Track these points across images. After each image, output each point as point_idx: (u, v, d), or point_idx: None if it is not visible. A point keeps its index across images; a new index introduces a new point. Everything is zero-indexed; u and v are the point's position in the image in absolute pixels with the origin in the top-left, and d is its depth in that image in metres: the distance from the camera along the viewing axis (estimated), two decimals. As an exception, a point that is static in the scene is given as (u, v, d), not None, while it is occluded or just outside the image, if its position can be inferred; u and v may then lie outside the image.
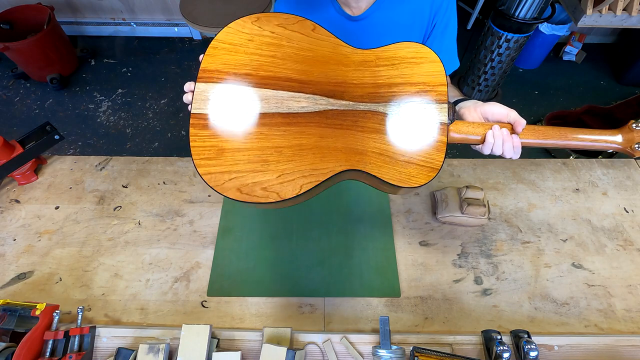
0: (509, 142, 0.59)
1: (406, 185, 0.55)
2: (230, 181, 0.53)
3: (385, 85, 0.59)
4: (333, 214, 1.00)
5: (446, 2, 0.78)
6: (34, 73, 2.37)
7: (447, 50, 0.84)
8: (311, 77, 0.59)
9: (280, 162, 0.55)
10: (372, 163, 0.56)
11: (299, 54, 0.60)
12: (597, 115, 2.11)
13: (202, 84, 0.57)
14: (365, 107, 0.58)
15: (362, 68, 0.60)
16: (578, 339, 0.76)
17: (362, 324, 0.83)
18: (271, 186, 0.54)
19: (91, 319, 0.83)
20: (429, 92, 0.58)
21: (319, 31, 0.61)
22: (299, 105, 0.58)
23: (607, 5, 1.61)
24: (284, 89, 0.58)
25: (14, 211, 1.00)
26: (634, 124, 0.60)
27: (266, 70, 0.58)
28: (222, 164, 0.54)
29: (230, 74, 0.58)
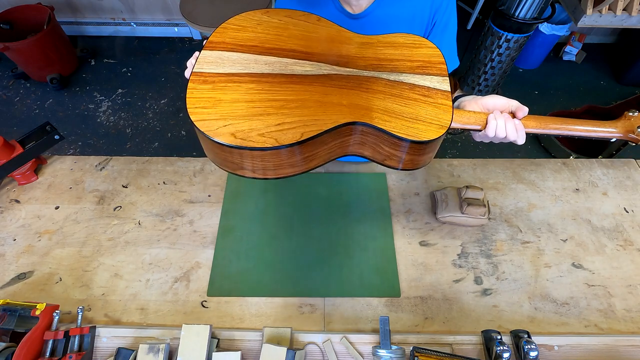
0: (511, 122, 0.59)
1: (416, 138, 0.52)
2: (225, 127, 0.50)
3: (387, 60, 0.62)
4: (333, 214, 1.00)
5: (446, 1, 0.78)
6: (34, 73, 2.37)
7: (446, 49, 0.84)
8: (315, 50, 0.61)
9: (280, 114, 0.52)
10: (379, 118, 0.54)
11: (303, 33, 0.62)
12: (597, 115, 2.11)
13: (207, 51, 0.58)
14: (369, 74, 0.60)
15: (365, 47, 0.63)
16: (578, 339, 0.76)
17: (362, 324, 0.83)
18: (269, 132, 0.50)
19: (91, 319, 0.83)
20: (429, 67, 0.61)
21: (323, 21, 0.65)
22: (303, 69, 0.58)
23: (607, 5, 1.62)
24: (288, 57, 0.59)
25: (14, 211, 1.00)
26: (630, 112, 0.62)
27: (272, 43, 0.60)
28: (217, 112, 0.51)
29: (236, 45, 0.59)
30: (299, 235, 0.97)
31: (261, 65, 0.57)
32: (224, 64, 0.56)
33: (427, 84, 0.58)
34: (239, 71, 0.56)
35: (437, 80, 0.59)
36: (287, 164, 0.54)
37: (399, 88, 0.58)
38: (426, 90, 0.58)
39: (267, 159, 0.52)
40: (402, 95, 0.57)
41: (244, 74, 0.56)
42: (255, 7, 1.79)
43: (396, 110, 0.55)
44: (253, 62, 0.57)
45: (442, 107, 0.56)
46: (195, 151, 2.06)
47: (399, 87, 0.58)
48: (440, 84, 0.59)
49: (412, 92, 0.57)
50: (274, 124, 0.51)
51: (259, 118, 0.51)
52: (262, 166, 0.53)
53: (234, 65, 0.56)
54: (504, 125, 0.58)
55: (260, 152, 0.50)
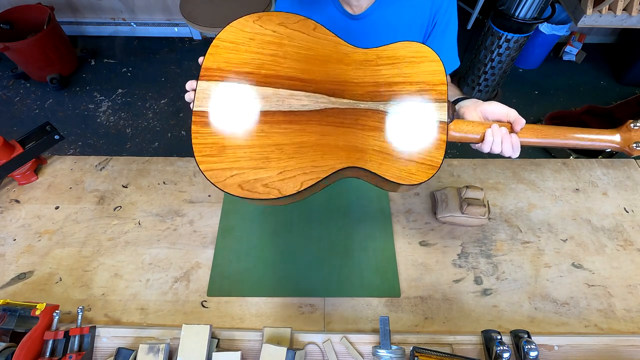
0: (507, 140, 0.59)
1: (406, 182, 0.55)
2: (232, 177, 0.54)
3: (386, 84, 0.59)
4: (333, 214, 1.00)
5: (447, 1, 0.78)
6: (34, 73, 2.37)
7: (447, 50, 0.84)
8: (312, 75, 0.59)
9: (281, 160, 0.55)
10: (373, 160, 0.56)
11: (300, 52, 0.60)
12: (597, 115, 2.11)
13: (204, 82, 0.58)
14: (366, 105, 0.59)
15: (363, 67, 0.60)
16: (578, 339, 0.76)
17: (362, 324, 0.83)
18: (272, 182, 0.54)
19: (91, 319, 0.83)
20: (429, 90, 0.58)
21: (320, 30, 0.61)
22: (300, 104, 0.58)
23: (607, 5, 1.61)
24: (285, 87, 0.58)
25: (14, 211, 1.00)
26: (632, 123, 0.61)
27: (268, 68, 0.58)
28: (223, 161, 0.54)
29: (232, 72, 0.58)
30: (299, 235, 0.96)
31: (259, 100, 0.57)
32: (221, 100, 0.57)
33: (424, 112, 0.58)
34: None
35: (434, 107, 0.58)
36: (288, 201, 0.57)
37: (394, 122, 0.58)
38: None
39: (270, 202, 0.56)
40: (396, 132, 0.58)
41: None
42: (255, 6, 1.79)
43: (389, 151, 0.57)
44: (251, 98, 0.57)
45: (435, 142, 0.57)
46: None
47: None
48: (438, 113, 0.57)
49: None
50: (276, 173, 0.54)
51: (262, 166, 0.54)
52: (265, 204, 0.59)
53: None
54: (500, 142, 0.59)
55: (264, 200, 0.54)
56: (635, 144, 0.60)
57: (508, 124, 0.61)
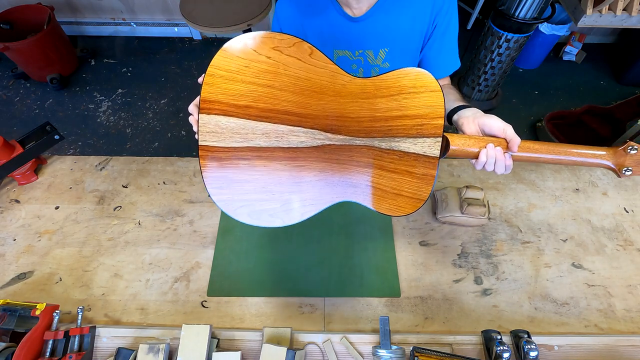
0: (501, 161, 0.60)
1: (394, 214, 0.61)
2: (241, 208, 0.60)
3: (382, 119, 0.60)
4: (333, 214, 1.00)
5: (447, 3, 0.78)
6: (34, 73, 2.37)
7: (448, 51, 0.84)
8: (309, 110, 0.60)
9: (283, 193, 0.60)
10: (365, 195, 0.62)
11: (296, 83, 0.59)
12: (597, 115, 2.11)
13: (205, 115, 0.58)
14: (361, 142, 0.61)
15: (360, 100, 0.60)
16: (578, 339, 0.76)
17: (362, 324, 0.83)
18: (276, 213, 0.60)
19: (91, 319, 0.83)
20: (425, 125, 0.58)
21: (316, 56, 0.59)
22: (298, 140, 0.60)
23: (607, 5, 1.61)
24: (283, 123, 0.59)
25: (14, 211, 1.00)
26: (631, 147, 0.59)
27: (265, 102, 0.59)
28: (232, 193, 0.60)
29: (230, 105, 0.58)
30: (298, 235, 0.97)
31: (259, 136, 0.59)
32: (224, 135, 0.58)
33: (418, 150, 0.58)
34: (240, 145, 0.59)
35: (428, 144, 0.58)
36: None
37: (388, 158, 0.60)
38: (414, 160, 0.59)
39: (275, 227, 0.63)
40: (389, 168, 0.60)
41: (245, 148, 0.59)
42: (255, 7, 1.79)
43: (382, 186, 0.61)
44: (251, 133, 0.59)
45: (425, 178, 0.59)
46: (195, 151, 2.04)
47: (389, 158, 0.60)
48: (431, 148, 0.58)
49: (400, 163, 0.60)
50: (279, 205, 0.61)
51: (267, 199, 0.60)
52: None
53: (234, 137, 0.59)
54: (493, 163, 0.60)
55: (271, 227, 0.62)
56: (626, 169, 0.60)
57: (504, 140, 0.61)
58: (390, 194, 0.61)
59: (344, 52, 0.86)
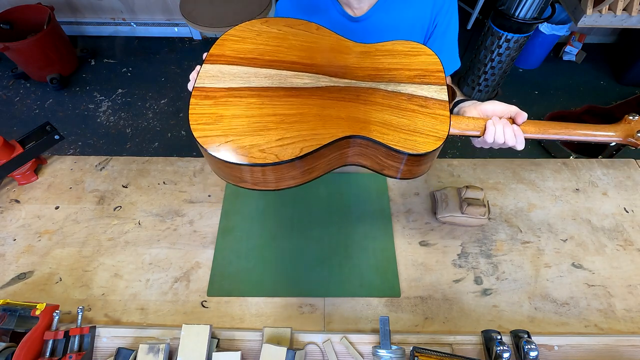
0: (509, 128, 0.59)
1: (414, 151, 0.53)
2: (227, 143, 0.51)
3: (385, 69, 0.62)
4: (333, 214, 1.00)
5: (448, 2, 0.78)
6: (34, 73, 2.37)
7: (448, 51, 0.84)
8: (314, 61, 0.61)
9: (280, 128, 0.53)
10: (376, 131, 0.55)
11: (303, 44, 0.63)
12: (597, 115, 2.11)
13: (208, 65, 0.59)
14: (367, 85, 0.60)
15: (363, 56, 0.63)
16: (578, 339, 0.76)
17: (362, 324, 0.83)
18: (270, 148, 0.51)
19: (91, 319, 0.83)
20: (427, 76, 0.60)
21: (322, 30, 0.65)
22: (302, 82, 0.59)
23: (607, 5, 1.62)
24: (288, 69, 0.60)
25: (14, 211, 1.00)
26: (630, 116, 0.62)
27: (271, 55, 0.61)
28: (219, 128, 0.53)
29: (236, 58, 0.60)
30: (298, 235, 0.97)
31: (261, 78, 0.57)
32: (224, 78, 0.57)
33: (425, 93, 0.58)
34: (240, 85, 0.56)
35: (434, 90, 0.58)
36: (287, 177, 0.55)
37: (396, 99, 0.58)
38: (423, 101, 0.58)
39: (267, 173, 0.53)
40: (399, 107, 0.57)
41: (244, 88, 0.56)
42: (255, 7, 1.79)
43: (394, 123, 0.55)
44: (253, 76, 0.58)
45: (439, 117, 0.56)
46: (195, 151, 2.05)
47: (397, 98, 0.58)
48: (438, 94, 0.58)
49: (409, 102, 0.57)
50: (274, 139, 0.52)
51: (260, 134, 0.52)
52: (263, 179, 0.54)
53: (235, 80, 0.57)
54: (502, 130, 0.58)
55: (261, 167, 0.51)
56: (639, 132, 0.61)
57: (510, 119, 0.61)
58: (405, 131, 0.55)
59: None
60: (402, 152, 0.54)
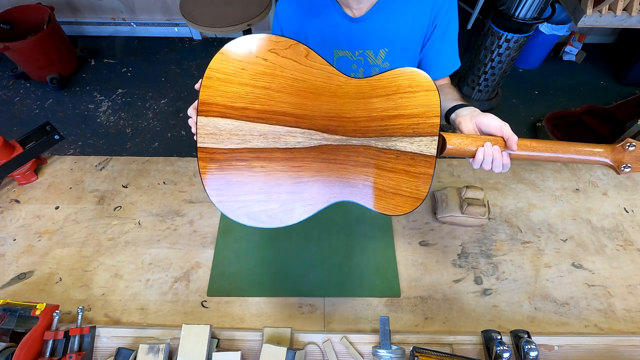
0: (498, 159, 0.60)
1: (391, 214, 0.61)
2: (240, 209, 0.60)
3: (379, 119, 0.60)
4: (333, 214, 1.00)
5: (447, 3, 0.78)
6: (34, 73, 2.37)
7: (448, 51, 0.84)
8: (306, 110, 0.60)
9: (281, 194, 0.61)
10: (363, 195, 0.62)
11: (292, 85, 0.60)
12: (597, 115, 2.11)
13: (204, 117, 0.59)
14: (358, 141, 0.61)
15: (357, 100, 0.61)
16: (578, 339, 0.76)
17: (362, 324, 0.83)
18: (275, 214, 0.60)
19: (91, 319, 0.83)
20: (421, 124, 0.59)
21: (312, 57, 0.60)
22: (295, 140, 0.60)
23: (607, 5, 1.61)
24: (280, 124, 0.60)
25: (14, 211, 1.00)
26: (629, 144, 0.60)
27: (262, 103, 0.59)
28: (231, 194, 0.60)
29: (227, 107, 0.59)
30: (298, 235, 0.96)
31: (257, 137, 0.59)
32: (222, 137, 0.59)
33: (415, 149, 0.59)
34: (238, 147, 0.59)
35: (425, 144, 0.59)
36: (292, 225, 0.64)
37: (385, 158, 0.60)
38: (411, 159, 0.59)
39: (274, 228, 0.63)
40: (386, 168, 0.60)
41: (243, 149, 0.59)
42: (256, 7, 1.79)
43: (379, 185, 0.61)
44: (249, 135, 0.59)
45: (422, 177, 0.59)
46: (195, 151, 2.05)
47: (386, 157, 0.60)
48: (428, 147, 0.59)
49: (397, 162, 0.60)
50: (278, 206, 0.61)
51: (265, 200, 0.60)
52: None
53: (232, 138, 0.59)
54: (490, 161, 0.60)
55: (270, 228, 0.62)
56: (624, 166, 0.60)
57: (501, 139, 0.61)
58: (388, 194, 0.61)
59: (344, 52, 0.86)
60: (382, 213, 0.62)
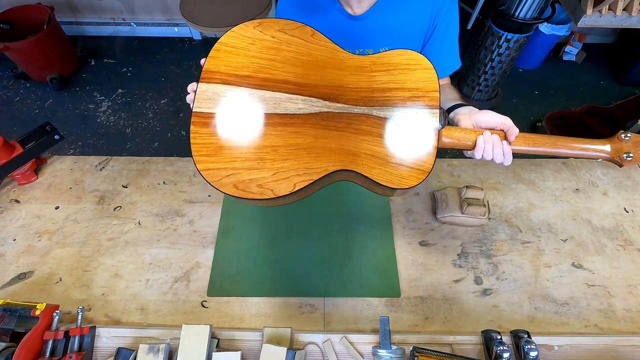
0: (499, 147, 0.60)
1: (396, 186, 0.57)
2: (227, 177, 0.55)
3: (380, 90, 0.61)
4: (333, 214, 1.00)
5: (447, 2, 0.78)
6: (34, 73, 2.37)
7: (448, 51, 0.84)
8: (308, 80, 0.60)
9: (275, 161, 0.56)
10: (364, 164, 0.58)
11: (297, 57, 0.61)
12: (597, 115, 2.11)
13: (204, 84, 0.59)
14: (360, 110, 0.60)
15: (358, 73, 0.62)
16: (578, 339, 0.76)
17: (362, 324, 0.83)
18: (266, 183, 0.55)
19: (91, 319, 0.83)
20: (422, 97, 0.59)
21: (317, 37, 0.62)
22: (296, 107, 0.59)
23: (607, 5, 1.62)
24: (282, 91, 0.59)
25: (14, 211, 1.00)
26: (623, 134, 0.61)
27: (265, 72, 0.60)
28: (220, 161, 0.56)
29: (231, 75, 0.59)
30: (298, 235, 0.97)
31: (257, 103, 0.59)
32: (220, 102, 0.58)
33: (417, 120, 0.59)
34: None
35: (427, 113, 0.59)
36: (281, 202, 0.59)
37: (387, 127, 0.59)
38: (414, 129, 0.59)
39: (264, 202, 0.57)
40: (389, 137, 0.59)
41: None
42: (255, 7, 1.79)
43: (382, 155, 0.58)
44: (249, 100, 0.59)
45: (427, 148, 0.58)
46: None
47: (388, 127, 0.59)
48: (430, 119, 0.59)
49: (400, 132, 0.59)
50: (270, 174, 0.56)
51: (257, 167, 0.56)
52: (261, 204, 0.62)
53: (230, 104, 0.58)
54: (491, 149, 0.59)
55: (258, 200, 0.56)
56: (626, 155, 0.61)
57: (501, 132, 0.62)
58: (391, 164, 0.57)
59: None
60: (387, 187, 0.57)
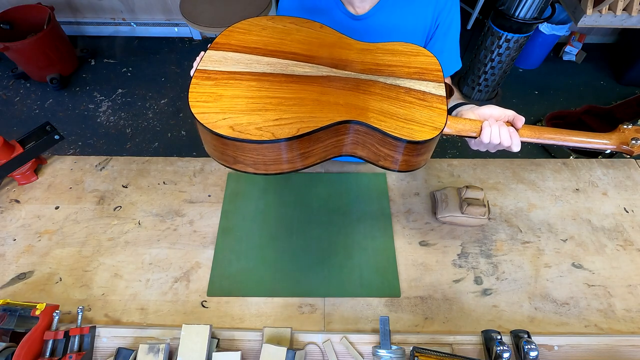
0: (505, 128, 0.60)
1: (410, 138, 0.53)
2: (224, 120, 0.52)
3: (385, 65, 0.63)
4: (333, 214, 1.00)
5: (450, 3, 0.78)
6: (34, 73, 2.37)
7: (449, 51, 0.84)
8: (316, 54, 0.63)
9: (278, 110, 0.54)
10: (374, 118, 0.55)
11: (306, 38, 0.65)
12: (597, 115, 2.11)
13: (212, 51, 0.60)
14: (367, 77, 0.61)
15: (364, 53, 0.65)
16: (578, 339, 0.76)
17: (362, 324, 0.83)
18: (267, 126, 0.51)
19: (91, 319, 0.83)
20: (426, 74, 0.62)
21: (325, 28, 0.67)
22: (303, 70, 0.60)
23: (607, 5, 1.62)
24: (290, 59, 0.61)
25: (14, 211, 1.00)
26: (624, 125, 0.63)
27: (275, 46, 0.62)
28: (218, 106, 0.53)
29: (240, 46, 0.61)
30: (299, 235, 0.96)
31: (263, 65, 0.59)
32: (227, 63, 0.59)
33: (423, 88, 0.60)
34: (242, 70, 0.58)
35: (432, 86, 0.61)
36: (283, 159, 0.55)
37: (395, 91, 0.59)
38: (422, 94, 0.59)
39: (263, 153, 0.53)
40: (398, 98, 0.59)
41: (246, 72, 0.58)
42: (255, 7, 1.79)
43: (392, 112, 0.56)
44: (255, 63, 0.59)
45: (437, 110, 0.58)
46: (195, 151, 2.06)
47: (396, 90, 0.60)
48: (436, 90, 0.60)
49: (408, 95, 0.59)
50: (272, 119, 0.52)
51: (258, 113, 0.53)
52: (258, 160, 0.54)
53: (237, 65, 0.59)
54: (498, 131, 0.60)
55: (256, 144, 0.51)
56: (634, 140, 0.62)
57: (508, 123, 0.64)
58: (401, 120, 0.55)
59: None
60: (398, 139, 0.54)
